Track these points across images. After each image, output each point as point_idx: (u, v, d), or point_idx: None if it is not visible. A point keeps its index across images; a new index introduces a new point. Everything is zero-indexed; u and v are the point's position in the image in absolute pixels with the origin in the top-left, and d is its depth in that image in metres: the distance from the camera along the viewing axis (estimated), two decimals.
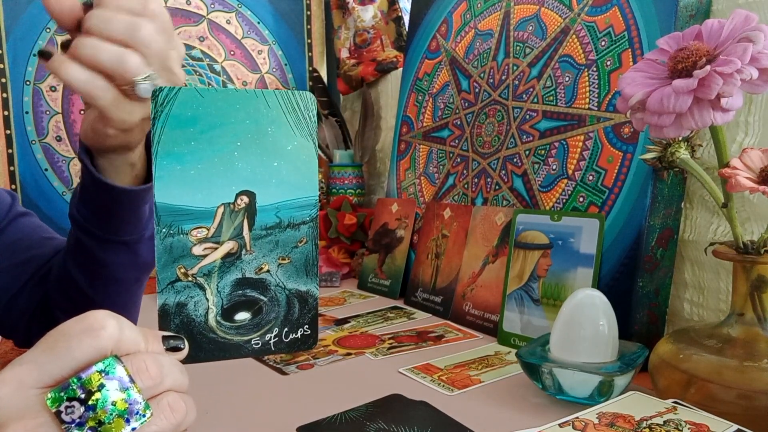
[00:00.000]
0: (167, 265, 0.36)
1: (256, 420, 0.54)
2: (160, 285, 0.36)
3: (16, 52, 1.16)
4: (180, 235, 0.36)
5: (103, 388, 0.28)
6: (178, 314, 0.37)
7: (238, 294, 0.38)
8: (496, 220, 0.83)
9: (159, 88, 0.36)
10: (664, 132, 0.46)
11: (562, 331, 0.57)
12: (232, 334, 0.38)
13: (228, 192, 0.37)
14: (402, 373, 0.64)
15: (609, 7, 0.72)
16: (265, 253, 0.38)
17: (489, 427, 0.51)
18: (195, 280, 0.37)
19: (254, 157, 0.37)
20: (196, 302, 0.37)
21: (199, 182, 0.36)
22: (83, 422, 0.27)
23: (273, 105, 0.37)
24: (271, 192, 0.38)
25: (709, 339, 0.52)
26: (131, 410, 0.28)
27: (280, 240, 0.38)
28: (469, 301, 0.83)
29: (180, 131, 0.36)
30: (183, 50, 0.44)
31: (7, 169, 1.17)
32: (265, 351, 0.39)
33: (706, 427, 0.44)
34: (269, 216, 0.38)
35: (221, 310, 0.38)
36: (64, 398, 0.27)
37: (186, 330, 0.37)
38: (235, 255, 0.38)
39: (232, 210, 0.37)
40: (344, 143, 1.34)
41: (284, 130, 0.38)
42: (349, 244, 1.19)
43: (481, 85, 0.91)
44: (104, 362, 0.28)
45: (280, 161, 0.38)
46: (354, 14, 1.33)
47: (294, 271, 0.39)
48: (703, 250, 0.62)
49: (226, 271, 0.38)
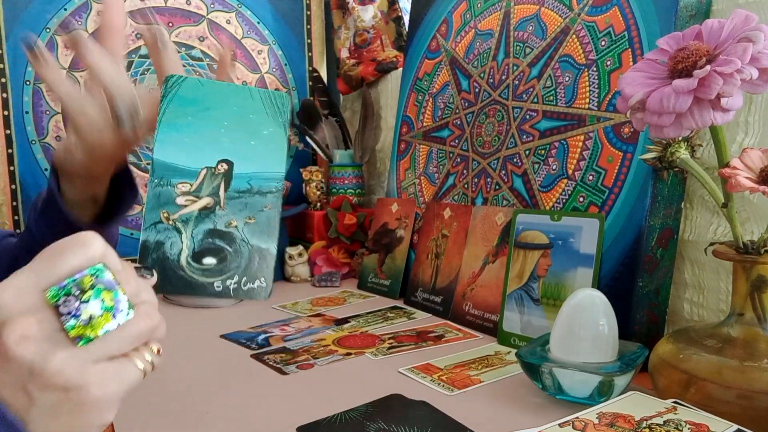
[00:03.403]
0: (154, 209, 0.44)
1: (256, 420, 0.54)
2: (145, 224, 0.44)
3: (16, 52, 1.16)
4: (168, 186, 0.44)
5: (94, 287, 0.33)
6: (155, 250, 0.44)
7: (208, 241, 0.45)
8: (496, 220, 0.83)
9: (170, 75, 0.45)
10: (664, 132, 0.46)
11: (562, 331, 0.57)
12: (198, 275, 0.45)
13: (212, 158, 0.45)
14: (402, 373, 0.64)
15: (609, 7, 0.72)
16: (235, 211, 0.46)
17: (489, 427, 0.51)
18: (174, 225, 0.44)
19: (236, 135, 0.46)
20: (172, 243, 0.44)
21: (190, 148, 0.45)
22: (78, 314, 0.32)
23: (256, 98, 0.47)
24: (246, 164, 0.46)
25: (709, 339, 0.52)
26: (117, 308, 0.33)
27: (249, 203, 0.46)
28: (469, 301, 0.83)
29: (181, 108, 0.45)
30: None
31: (7, 169, 1.17)
32: (224, 294, 0.45)
33: (706, 427, 0.44)
34: (242, 182, 0.46)
35: (192, 252, 0.44)
36: (62, 294, 0.32)
37: (160, 265, 0.43)
38: (210, 209, 0.45)
39: (213, 173, 0.45)
40: (344, 143, 1.34)
41: (262, 118, 0.47)
42: (349, 244, 1.19)
43: (481, 85, 0.91)
44: (95, 267, 0.33)
45: (257, 141, 0.46)
46: (354, 14, 1.33)
47: (258, 230, 0.46)
48: (703, 250, 0.62)
49: (201, 221, 0.45)
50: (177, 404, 0.58)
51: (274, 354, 0.72)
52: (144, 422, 0.54)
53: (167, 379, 0.64)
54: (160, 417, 0.56)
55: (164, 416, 0.56)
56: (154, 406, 0.58)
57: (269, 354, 0.72)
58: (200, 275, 0.45)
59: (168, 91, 0.45)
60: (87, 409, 0.32)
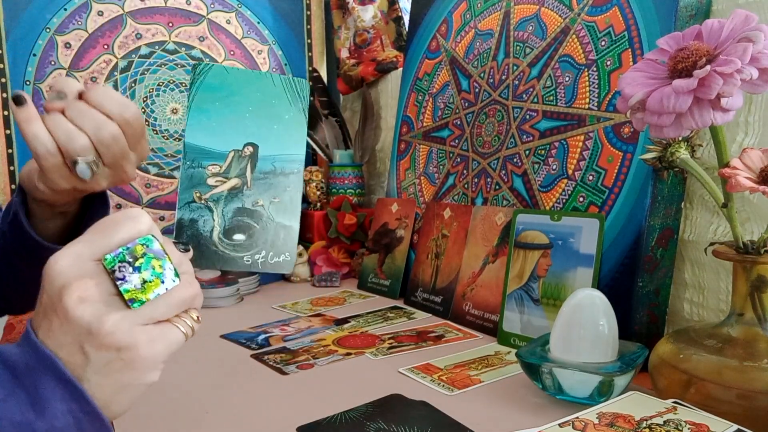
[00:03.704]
0: (187, 189, 0.47)
1: (256, 420, 0.54)
2: (180, 203, 0.47)
3: (16, 52, 1.16)
4: (199, 168, 0.47)
5: (145, 255, 0.35)
6: (190, 227, 0.47)
7: (237, 219, 0.48)
8: (496, 220, 0.83)
9: (198, 63, 0.50)
10: (664, 132, 0.46)
11: (562, 331, 0.57)
12: (230, 250, 0.48)
13: (238, 141, 0.48)
14: (402, 373, 0.64)
15: (609, 7, 0.72)
16: (261, 191, 0.49)
17: (489, 427, 0.51)
18: (206, 203, 0.47)
19: (260, 120, 0.49)
20: (204, 220, 0.47)
21: (219, 132, 0.48)
22: (131, 278, 0.35)
23: (278, 84, 0.49)
24: (270, 146, 0.49)
25: (709, 339, 0.52)
26: (165, 275, 0.36)
27: (273, 183, 0.49)
28: (469, 301, 0.83)
29: (209, 94, 0.48)
30: (147, 153, 0.50)
31: (7, 169, 1.17)
32: (253, 267, 0.49)
33: (706, 427, 0.44)
34: (267, 164, 0.49)
35: (223, 229, 0.48)
36: (117, 261, 0.35)
37: (195, 240, 0.47)
38: (239, 189, 0.48)
39: (240, 155, 0.48)
40: (344, 143, 1.34)
41: (284, 104, 0.50)
42: (349, 244, 1.19)
43: (481, 85, 0.91)
44: (145, 237, 0.36)
45: (279, 125, 0.49)
46: (354, 14, 1.33)
47: (282, 209, 0.49)
48: (703, 250, 0.62)
49: (230, 200, 0.48)
50: (177, 404, 0.58)
51: (274, 354, 0.72)
52: (144, 422, 0.54)
53: (167, 379, 0.63)
54: (160, 417, 0.56)
55: (164, 416, 0.56)
56: (154, 405, 0.58)
57: (269, 354, 0.72)
58: (231, 250, 0.48)
59: (196, 78, 0.48)
60: (136, 368, 0.35)
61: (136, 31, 1.26)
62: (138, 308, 0.35)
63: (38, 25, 1.18)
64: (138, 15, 1.26)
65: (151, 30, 1.27)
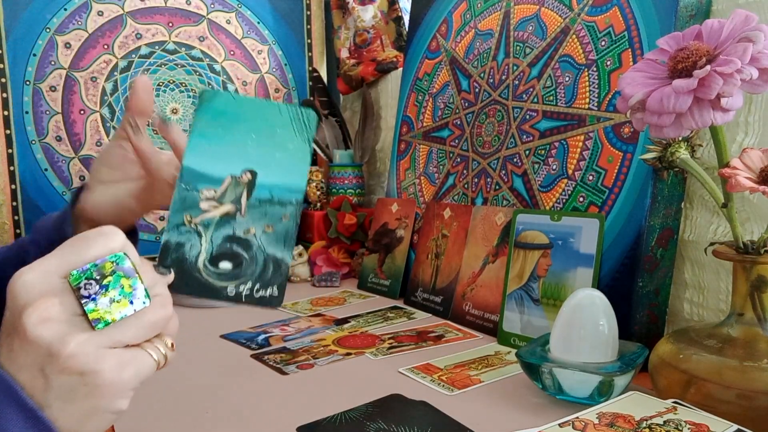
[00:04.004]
0: (178, 211, 0.45)
1: (256, 420, 0.54)
2: (169, 225, 0.45)
3: (16, 52, 1.16)
4: (194, 191, 0.46)
5: (114, 273, 0.34)
6: (175, 251, 0.45)
7: (226, 246, 0.46)
8: (496, 220, 0.83)
9: (204, 90, 0.48)
10: (664, 132, 0.46)
11: (562, 331, 0.57)
12: (214, 279, 0.46)
13: (237, 167, 0.47)
14: (402, 373, 0.64)
15: (609, 7, 0.72)
16: (254, 219, 0.47)
17: (489, 427, 0.51)
18: (196, 228, 0.46)
19: (263, 147, 0.47)
20: (191, 245, 0.45)
21: (218, 156, 0.46)
22: (97, 297, 0.33)
23: (284, 114, 0.48)
24: (269, 174, 0.47)
25: (709, 339, 0.52)
26: (135, 295, 0.34)
27: (269, 212, 0.47)
28: (469, 301, 0.83)
29: (213, 119, 0.46)
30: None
31: (7, 169, 1.17)
32: (236, 300, 0.47)
33: (706, 427, 0.44)
34: (264, 192, 0.47)
35: (210, 256, 0.46)
36: (83, 278, 0.33)
37: (178, 265, 0.45)
38: (231, 216, 0.46)
39: (237, 181, 0.47)
40: (344, 143, 1.34)
41: (288, 133, 0.48)
42: (349, 244, 1.19)
43: (481, 85, 0.91)
44: (116, 255, 0.34)
45: (282, 154, 0.48)
46: (354, 14, 1.33)
47: (274, 239, 0.47)
48: (703, 250, 0.62)
49: (221, 226, 0.46)
50: (177, 404, 0.58)
51: (274, 354, 0.72)
52: (144, 422, 0.54)
53: (167, 378, 0.64)
54: (160, 417, 0.56)
55: (164, 416, 0.56)
56: (154, 405, 0.58)
57: (269, 354, 0.72)
58: (215, 279, 0.46)
59: (202, 102, 0.47)
60: (101, 394, 0.33)
61: (136, 31, 1.26)
62: (103, 329, 0.33)
63: (38, 25, 1.18)
64: (138, 15, 1.26)
65: (151, 30, 1.27)
